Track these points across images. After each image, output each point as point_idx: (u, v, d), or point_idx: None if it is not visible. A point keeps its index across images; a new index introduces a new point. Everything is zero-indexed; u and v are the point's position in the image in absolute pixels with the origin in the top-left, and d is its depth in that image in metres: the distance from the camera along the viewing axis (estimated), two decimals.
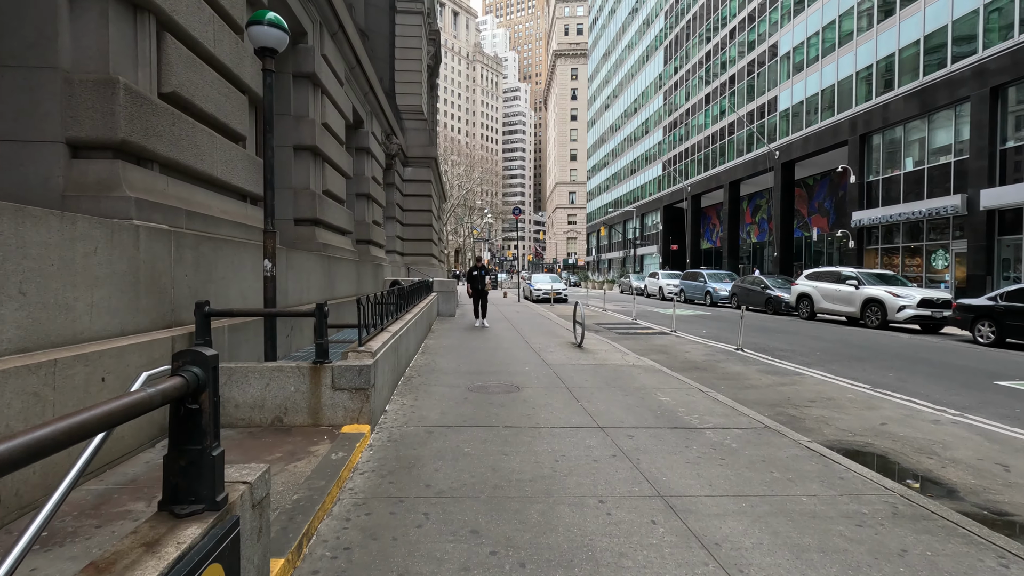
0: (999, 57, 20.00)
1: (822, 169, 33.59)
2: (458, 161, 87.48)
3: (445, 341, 10.64)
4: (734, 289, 23.15)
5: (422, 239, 22.68)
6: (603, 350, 9.80)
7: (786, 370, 8.80)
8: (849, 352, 10.61)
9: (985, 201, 20.21)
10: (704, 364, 9.32)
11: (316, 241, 9.27)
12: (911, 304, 13.93)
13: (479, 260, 14.39)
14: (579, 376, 7.31)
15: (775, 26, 34.76)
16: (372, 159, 15.04)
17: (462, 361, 8.30)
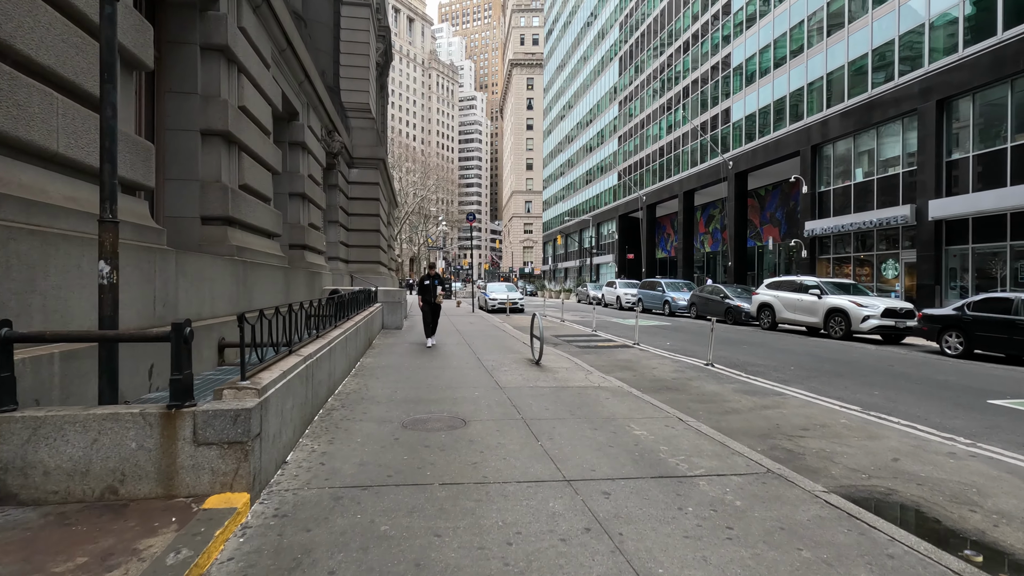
0: (944, 71, 20.39)
1: (774, 180, 34.03)
2: (413, 168, 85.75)
3: (385, 360, 9.33)
4: (693, 299, 22.70)
5: (369, 245, 21.18)
6: (564, 368, 8.73)
7: (764, 389, 7.95)
8: (823, 367, 9.94)
9: (933, 212, 20.49)
10: (675, 383, 8.38)
11: (228, 244, 7.82)
12: (875, 314, 13.57)
13: (431, 267, 12.24)
14: (538, 403, 6.19)
15: (728, 38, 35.16)
16: (309, 155, 13.61)
17: (400, 385, 7.04)
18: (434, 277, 11.74)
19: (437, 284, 11.64)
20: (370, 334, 11.97)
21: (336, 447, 4.42)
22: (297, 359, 4.66)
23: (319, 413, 5.47)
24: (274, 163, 10.38)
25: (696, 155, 39.22)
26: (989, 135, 19.22)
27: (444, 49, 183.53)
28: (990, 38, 18.78)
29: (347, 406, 5.81)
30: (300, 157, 13.02)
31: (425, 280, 11.69)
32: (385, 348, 10.90)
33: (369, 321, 11.65)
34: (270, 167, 10.18)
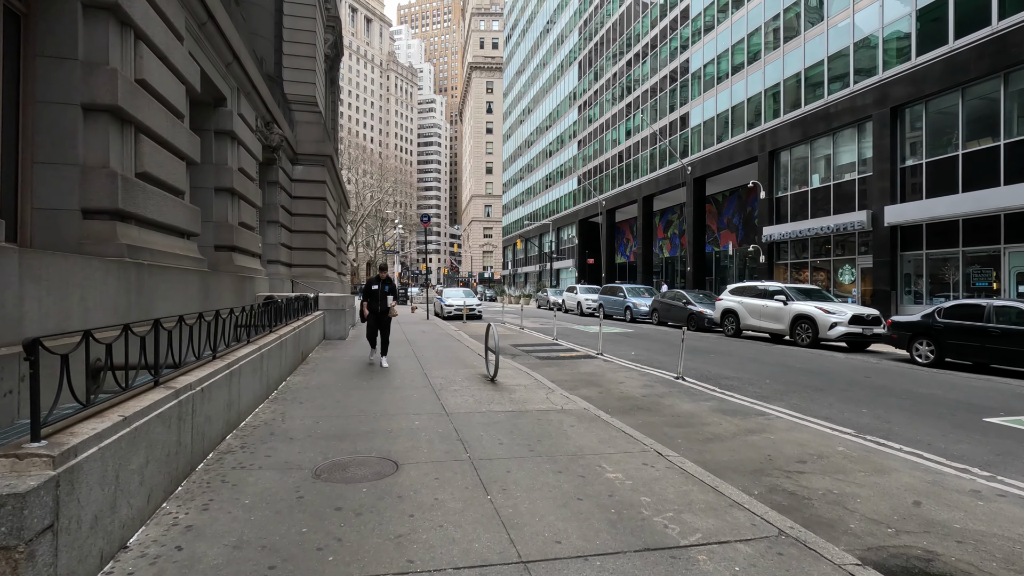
0: (898, 79, 20.59)
1: (731, 185, 34.19)
2: (369, 170, 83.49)
3: (317, 378, 8.10)
4: (655, 305, 22.16)
5: (314, 248, 19.68)
6: (523, 385, 7.72)
7: (744, 407, 7.16)
8: (799, 380, 9.28)
9: (889, 217, 20.61)
10: (646, 401, 7.49)
11: (116, 243, 6.46)
12: (843, 321, 13.17)
13: (383, 269, 9.94)
14: (491, 435, 5.15)
15: (687, 44, 35.21)
16: (239, 147, 12.17)
17: (326, 413, 5.86)
18: (384, 281, 9.67)
19: (388, 290, 9.58)
20: (306, 347, 10.67)
21: (210, 515, 3.25)
22: (164, 393, 3.46)
23: (207, 459, 4.26)
24: (189, 151, 8.98)
25: (655, 160, 39.15)
26: (942, 142, 19.45)
27: (403, 51, 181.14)
28: (942, 46, 19.00)
29: (249, 446, 4.61)
30: (228, 148, 11.59)
31: (372, 284, 9.59)
32: (321, 363, 9.64)
33: (304, 332, 10.35)
34: (183, 155, 8.78)
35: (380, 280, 9.67)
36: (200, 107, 11.28)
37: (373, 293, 9.61)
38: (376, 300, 9.50)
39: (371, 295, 9.63)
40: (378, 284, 9.62)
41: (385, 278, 9.71)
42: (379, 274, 9.73)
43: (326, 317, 13.60)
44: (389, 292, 9.54)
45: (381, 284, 9.61)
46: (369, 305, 9.59)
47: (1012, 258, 17.06)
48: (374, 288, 9.59)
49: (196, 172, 11.26)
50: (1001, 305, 9.89)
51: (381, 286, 9.58)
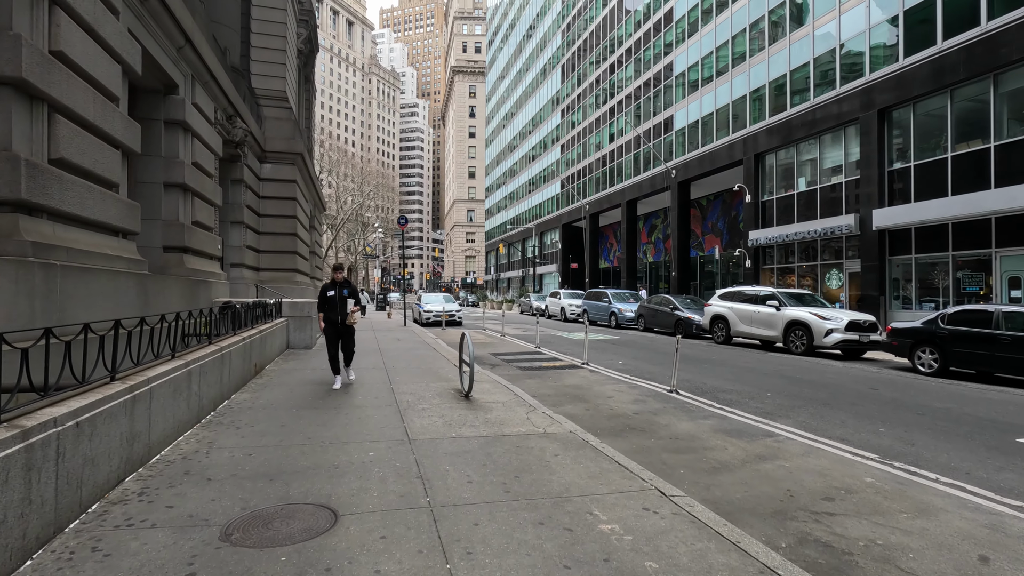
0: (885, 80, 20.26)
1: (715, 189, 33.81)
2: (349, 173, 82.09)
3: (268, 395, 7.14)
4: (640, 310, 21.47)
5: (284, 251, 18.61)
6: (500, 403, 6.85)
7: (749, 427, 6.38)
8: (803, 392, 8.56)
9: (877, 221, 20.22)
10: (639, 420, 6.67)
11: (17, 239, 5.47)
12: (839, 328, 12.54)
13: (338, 271, 8.25)
14: (458, 470, 4.27)
15: (670, 46, 34.84)
16: (193, 139, 11.15)
17: (264, 441, 4.93)
18: (343, 285, 8.00)
19: (348, 296, 7.94)
20: (262, 358, 9.67)
21: None
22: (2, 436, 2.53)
23: (86, 513, 3.31)
24: (126, 139, 7.97)
25: (639, 164, 38.69)
26: (930, 145, 19.11)
27: (385, 55, 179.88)
28: (930, 47, 18.69)
29: (150, 492, 3.66)
30: (180, 140, 10.56)
31: (328, 290, 7.91)
32: (277, 377, 8.66)
33: (259, 342, 9.37)
34: (118, 143, 7.77)
35: (337, 283, 7.98)
36: (147, 94, 10.29)
37: (330, 300, 7.89)
38: (335, 308, 7.85)
39: (328, 303, 7.92)
40: (335, 289, 7.92)
41: (342, 280, 8.07)
42: (334, 276, 8.05)
43: (290, 325, 12.59)
44: (350, 296, 7.96)
45: (339, 288, 7.94)
46: (327, 316, 7.92)
47: (1004, 262, 16.69)
48: (330, 294, 7.87)
49: (142, 165, 10.26)
50: (1011, 311, 9.30)
51: (339, 290, 7.91)
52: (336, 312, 7.87)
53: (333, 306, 7.89)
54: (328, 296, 7.94)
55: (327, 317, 7.95)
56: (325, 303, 8.00)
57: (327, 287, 8.00)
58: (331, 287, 8.00)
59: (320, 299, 8.08)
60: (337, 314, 7.87)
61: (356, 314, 7.98)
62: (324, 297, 8.01)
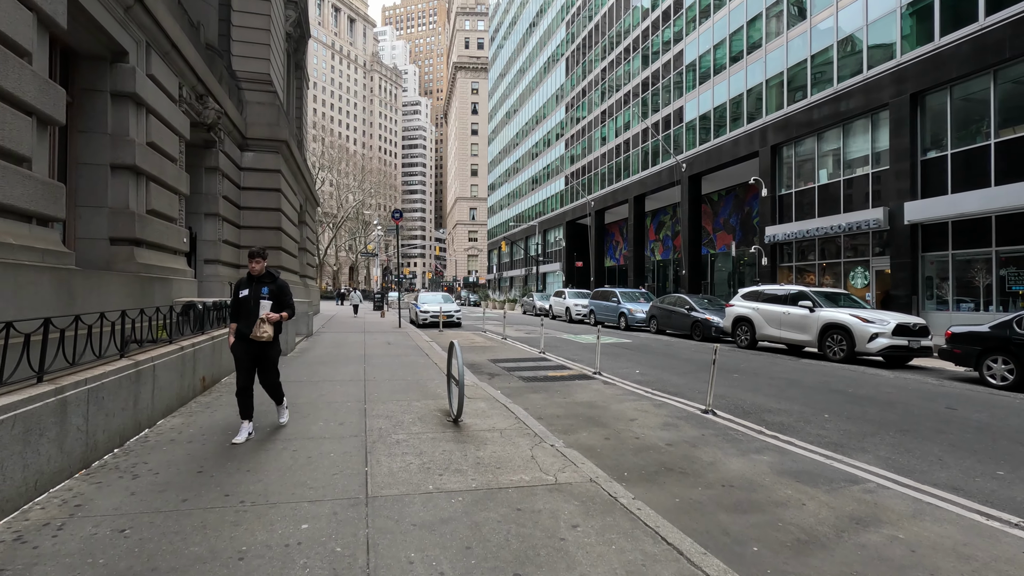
0: (918, 62, 18.71)
1: (728, 184, 32.28)
2: (347, 171, 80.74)
3: (204, 420, 5.70)
4: (653, 311, 19.99)
5: (268, 247, 17.14)
6: (498, 431, 5.40)
7: (820, 466, 4.89)
8: (866, 413, 7.05)
9: (909, 215, 18.66)
10: (676, 456, 5.20)
11: None
12: (885, 332, 11.02)
13: (256, 259, 5.41)
14: (429, 563, 2.81)
15: (680, 35, 33.29)
16: (148, 115, 9.72)
17: (159, 502, 3.48)
18: (262, 280, 5.35)
19: (266, 296, 5.20)
20: (217, 369, 8.23)
21: None
22: None
23: None
24: (42, 104, 6.51)
25: (647, 158, 37.15)
26: (970, 131, 17.55)
27: (387, 52, 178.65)
28: (970, 25, 17.13)
29: None
30: (130, 115, 9.12)
31: (241, 288, 5.29)
32: (229, 393, 7.21)
33: (211, 350, 7.93)
34: (28, 107, 6.32)
35: (253, 279, 5.31)
36: (89, 61, 8.86)
37: (242, 303, 5.23)
38: (248, 314, 5.17)
39: (240, 307, 5.26)
40: (250, 287, 5.26)
41: (260, 272, 5.33)
42: (251, 266, 5.30)
43: None
44: (271, 297, 5.20)
45: (255, 286, 5.27)
46: (239, 327, 5.24)
47: None
48: (243, 294, 5.23)
49: (83, 143, 8.84)
50: None
51: (255, 289, 5.24)
52: (249, 321, 5.18)
53: (246, 313, 5.20)
54: (240, 298, 5.25)
55: (239, 329, 5.23)
56: (237, 308, 5.34)
57: (240, 284, 5.36)
58: (245, 284, 5.32)
59: (233, 302, 5.44)
60: (250, 322, 5.20)
61: (267, 327, 5.10)
62: (236, 299, 5.36)
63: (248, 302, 5.20)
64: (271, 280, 5.39)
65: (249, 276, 5.37)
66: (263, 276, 5.37)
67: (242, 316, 5.22)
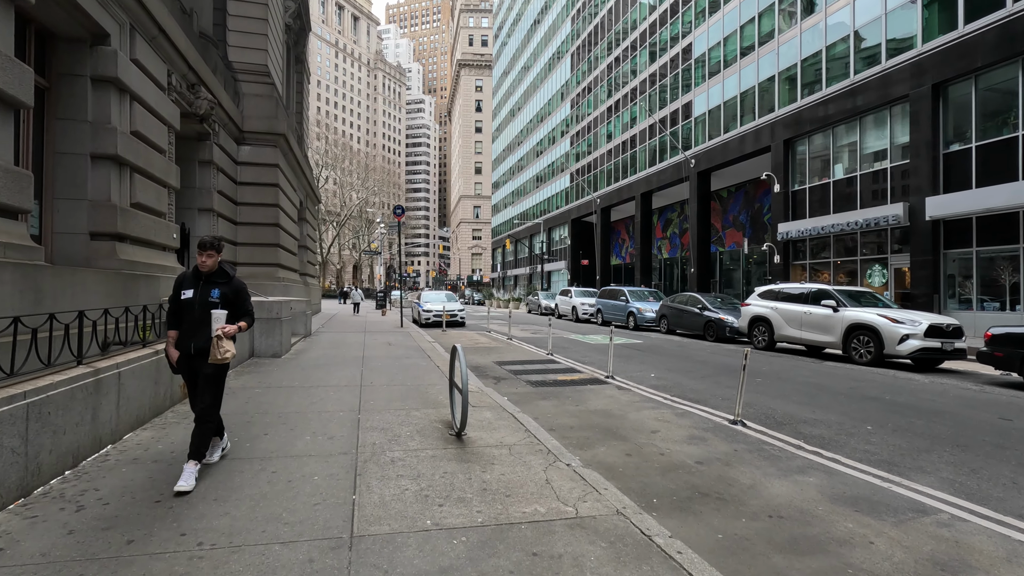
0: (941, 51, 17.96)
1: (737, 180, 31.53)
2: (350, 169, 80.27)
3: (179, 433, 5.10)
4: (663, 310, 19.33)
5: (264, 244, 16.62)
6: (506, 448, 4.78)
7: (877, 491, 4.25)
8: (913, 424, 6.40)
9: (931, 211, 17.93)
10: (709, 478, 4.56)
11: None
12: (917, 333, 10.34)
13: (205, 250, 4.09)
14: None
15: (689, 27, 32.55)
16: (133, 103, 9.13)
17: (95, 547, 2.88)
18: (212, 279, 4.11)
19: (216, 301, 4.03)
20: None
21: None
22: None
23: None
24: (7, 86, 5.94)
25: (654, 154, 36.44)
26: (996, 123, 16.79)
27: (391, 51, 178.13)
28: (997, 11, 16.38)
29: None
30: (112, 102, 8.53)
31: (184, 288, 4.12)
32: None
33: None
34: None
35: (201, 275, 4.09)
36: (67, 44, 8.29)
37: (184, 306, 4.08)
38: (193, 325, 4.02)
39: (182, 311, 4.10)
40: (196, 286, 4.07)
41: (212, 269, 4.09)
42: (199, 260, 4.06)
43: (255, 328, 10.55)
44: (223, 302, 4.05)
45: (203, 285, 4.07)
46: (179, 338, 4.09)
47: None
48: (186, 296, 4.07)
49: (61, 130, 8.27)
50: None
51: (201, 292, 4.04)
52: (193, 332, 3.99)
53: (190, 321, 4.02)
54: (183, 300, 4.08)
55: (180, 341, 4.08)
56: (177, 312, 4.14)
57: (182, 282, 4.16)
58: (190, 282, 4.08)
59: (171, 302, 4.21)
60: (192, 338, 3.99)
61: (227, 345, 3.90)
62: (176, 300, 4.16)
63: (193, 307, 4.00)
64: (225, 280, 4.12)
65: (196, 272, 4.11)
66: (214, 274, 4.11)
67: (184, 324, 4.05)
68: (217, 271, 4.15)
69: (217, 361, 3.92)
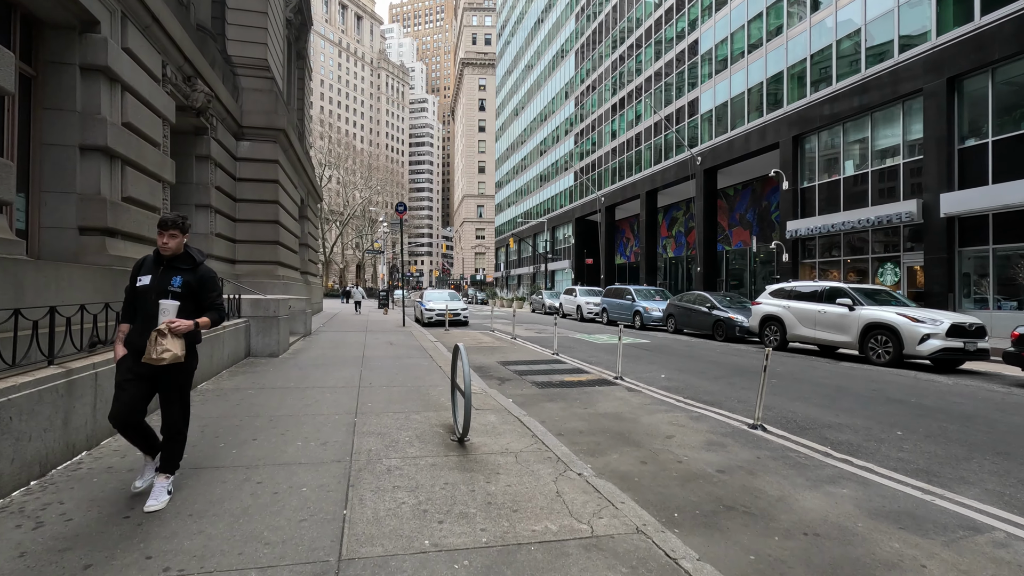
0: (956, 44, 17.51)
1: (744, 178, 31.11)
2: (353, 168, 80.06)
3: None
4: (670, 309, 18.93)
5: (263, 241, 16.31)
6: (512, 455, 4.43)
7: (919, 504, 3.87)
8: (946, 429, 6.01)
9: (945, 207, 17.49)
10: (733, 489, 4.19)
11: None
12: (938, 333, 9.93)
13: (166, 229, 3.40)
14: None
15: (695, 22, 32.12)
16: (124, 93, 8.83)
17: (48, 574, 2.54)
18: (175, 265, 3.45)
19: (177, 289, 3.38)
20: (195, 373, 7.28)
21: None
22: None
23: None
24: None
25: (660, 152, 36.02)
26: (1013, 117, 16.34)
27: (395, 50, 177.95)
28: (1014, 2, 15.93)
29: None
30: (102, 91, 8.22)
31: (141, 274, 3.42)
32: (206, 403, 6.27)
33: None
34: None
35: (161, 262, 3.46)
36: (55, 31, 7.99)
37: (140, 295, 3.42)
38: (147, 319, 3.36)
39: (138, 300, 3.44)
40: (154, 271, 3.43)
41: (176, 252, 3.46)
42: (161, 241, 3.39)
43: (252, 326, 10.23)
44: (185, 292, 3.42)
45: (162, 271, 3.43)
46: (130, 334, 3.46)
47: None
48: (141, 283, 3.41)
49: (48, 121, 7.97)
50: None
51: (159, 279, 3.40)
52: (147, 327, 3.32)
53: (145, 312, 3.37)
54: (138, 287, 3.42)
55: (129, 336, 3.45)
56: (132, 302, 3.50)
57: (141, 267, 3.47)
58: (150, 267, 3.44)
59: (127, 292, 3.56)
60: (145, 335, 3.31)
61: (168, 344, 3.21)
62: (131, 288, 3.49)
63: (148, 296, 3.34)
64: (190, 266, 3.47)
65: (157, 256, 3.47)
66: (178, 258, 3.45)
67: (138, 317, 3.39)
68: (182, 255, 3.49)
69: (151, 361, 3.19)
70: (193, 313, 3.47)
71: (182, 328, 3.30)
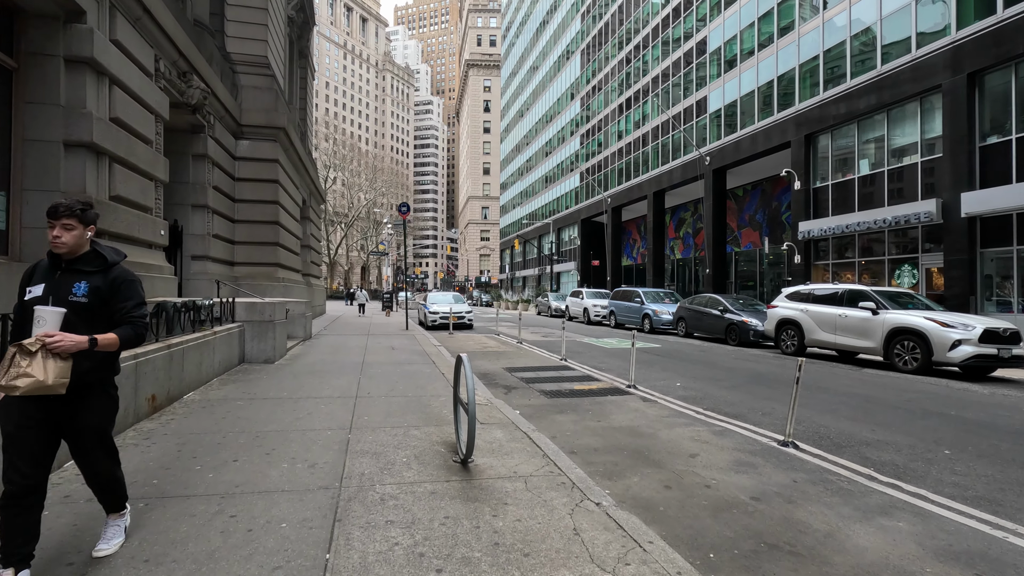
0: (977, 38, 16.93)
1: (754, 178, 30.51)
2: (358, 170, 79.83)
3: (142, 456, 4.30)
4: (681, 312, 18.40)
5: (263, 242, 15.89)
6: (520, 479, 3.94)
7: (996, 545, 3.35)
8: (1000, 447, 5.47)
9: (967, 207, 16.89)
10: (773, 523, 3.68)
11: None
12: (971, 338, 9.38)
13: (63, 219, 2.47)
14: None
15: (703, 20, 31.59)
16: (114, 87, 8.42)
17: None
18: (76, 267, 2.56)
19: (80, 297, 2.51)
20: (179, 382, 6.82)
21: None
22: None
23: None
24: None
25: (667, 152, 35.47)
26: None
27: (400, 52, 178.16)
28: None
29: None
30: (88, 85, 7.81)
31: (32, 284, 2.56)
32: (187, 417, 5.83)
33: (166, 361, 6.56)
34: None
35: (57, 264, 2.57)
36: (38, 20, 7.59)
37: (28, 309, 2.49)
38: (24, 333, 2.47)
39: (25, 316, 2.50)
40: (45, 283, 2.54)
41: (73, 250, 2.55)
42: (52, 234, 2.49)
43: (246, 332, 9.79)
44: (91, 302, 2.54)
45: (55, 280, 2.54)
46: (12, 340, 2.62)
47: None
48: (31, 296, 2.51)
49: (31, 115, 7.58)
50: None
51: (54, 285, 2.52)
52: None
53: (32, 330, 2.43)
54: (26, 301, 2.53)
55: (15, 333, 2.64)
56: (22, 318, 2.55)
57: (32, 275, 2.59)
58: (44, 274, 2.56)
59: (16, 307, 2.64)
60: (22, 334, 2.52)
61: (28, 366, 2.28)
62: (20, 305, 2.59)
63: (23, 306, 2.55)
64: (98, 267, 2.61)
65: (52, 258, 2.59)
66: (81, 259, 2.59)
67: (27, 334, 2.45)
68: (87, 254, 2.60)
69: (8, 390, 2.28)
70: (105, 330, 2.54)
71: (64, 345, 2.33)
